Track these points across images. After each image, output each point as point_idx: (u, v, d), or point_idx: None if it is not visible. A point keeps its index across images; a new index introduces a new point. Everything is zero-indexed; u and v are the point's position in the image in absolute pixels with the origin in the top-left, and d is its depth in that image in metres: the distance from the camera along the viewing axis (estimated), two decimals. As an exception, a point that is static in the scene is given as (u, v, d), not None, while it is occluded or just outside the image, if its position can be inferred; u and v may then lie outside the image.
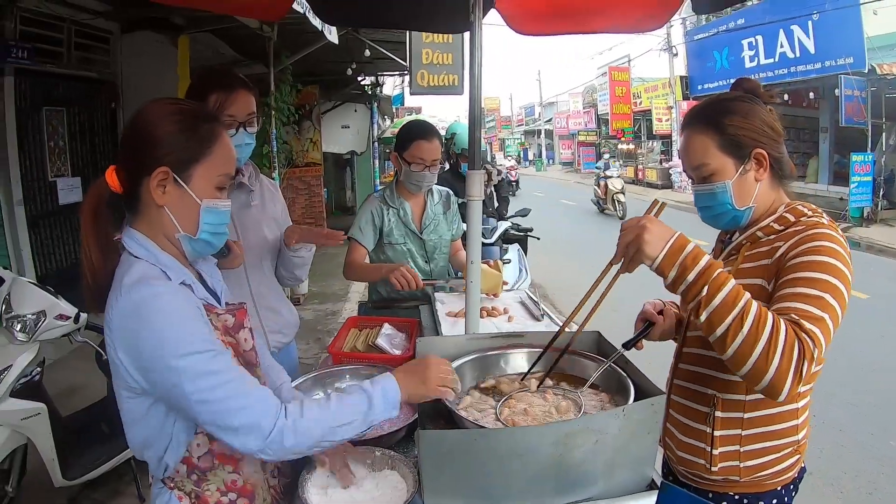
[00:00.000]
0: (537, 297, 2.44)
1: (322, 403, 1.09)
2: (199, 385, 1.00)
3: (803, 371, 1.03)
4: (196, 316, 1.06)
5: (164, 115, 1.10)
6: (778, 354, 1.02)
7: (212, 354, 1.03)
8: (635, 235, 1.12)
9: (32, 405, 2.52)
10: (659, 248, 1.11)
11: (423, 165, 2.40)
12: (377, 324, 2.12)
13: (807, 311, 1.09)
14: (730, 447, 1.30)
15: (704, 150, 1.30)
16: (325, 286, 7.35)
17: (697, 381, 1.36)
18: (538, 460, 1.00)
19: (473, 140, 1.70)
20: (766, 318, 1.05)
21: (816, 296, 1.11)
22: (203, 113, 1.15)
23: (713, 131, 1.29)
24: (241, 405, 1.02)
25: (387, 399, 1.11)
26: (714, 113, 1.31)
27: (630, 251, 1.13)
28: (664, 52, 19.34)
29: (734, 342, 1.05)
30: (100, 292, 1.10)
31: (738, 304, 1.06)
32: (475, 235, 1.75)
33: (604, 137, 27.08)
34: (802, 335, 1.05)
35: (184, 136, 1.09)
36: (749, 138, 1.28)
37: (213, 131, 1.13)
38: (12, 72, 4.20)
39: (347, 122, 11.59)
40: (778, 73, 13.42)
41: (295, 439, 1.04)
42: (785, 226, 1.28)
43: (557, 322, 2.09)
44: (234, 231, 1.83)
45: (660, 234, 1.12)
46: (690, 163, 1.34)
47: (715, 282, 1.08)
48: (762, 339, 1.03)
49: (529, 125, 45.08)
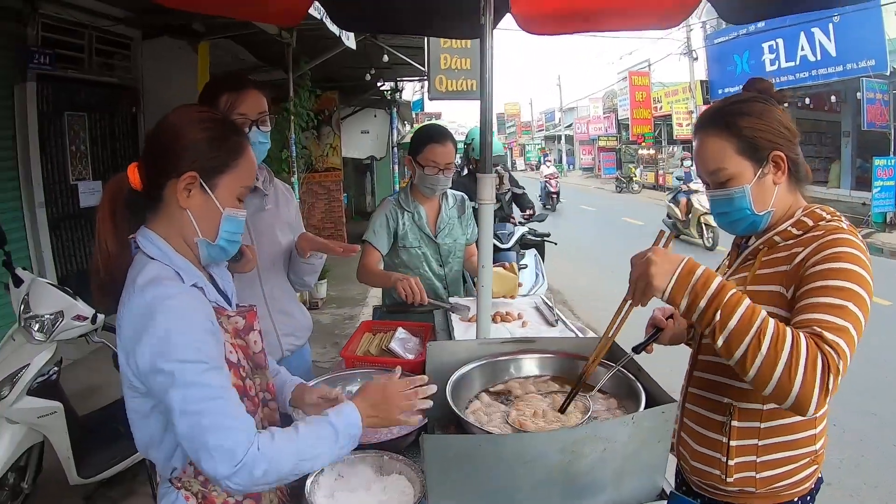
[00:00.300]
0: (552, 302, 2.42)
1: (292, 436, 1.06)
2: (187, 394, 1.00)
3: (829, 385, 1.00)
4: (204, 326, 1.06)
5: (196, 121, 1.12)
6: (801, 371, 1.00)
7: (208, 367, 1.03)
8: (642, 270, 1.12)
9: (49, 404, 2.56)
10: (667, 279, 1.10)
11: (437, 168, 2.41)
12: (391, 328, 2.11)
13: (829, 321, 1.06)
14: (746, 457, 1.26)
15: (721, 153, 1.26)
16: (343, 290, 7.38)
17: (713, 390, 1.33)
18: (545, 467, 0.98)
19: (484, 144, 1.70)
20: (784, 335, 1.02)
21: (839, 305, 1.07)
22: (231, 123, 1.19)
23: (729, 134, 1.25)
24: (221, 425, 1.00)
25: (351, 434, 1.11)
26: (729, 115, 1.27)
27: (639, 285, 1.13)
28: (684, 56, 19.20)
29: (754, 364, 1.03)
30: (111, 286, 1.11)
31: (754, 325, 1.04)
32: (486, 239, 1.74)
33: (624, 143, 26.94)
34: (826, 348, 1.02)
35: (214, 144, 1.12)
36: (766, 140, 1.24)
37: (240, 144, 1.16)
38: (34, 77, 4.29)
39: (367, 127, 11.66)
40: (799, 77, 13.23)
41: (265, 471, 1.01)
42: (803, 230, 1.24)
43: (572, 328, 2.07)
44: (248, 235, 1.84)
45: (667, 264, 1.11)
46: (706, 168, 1.30)
47: (727, 305, 1.05)
48: (783, 357, 1.01)
49: (549, 130, 44.99)
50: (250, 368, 1.23)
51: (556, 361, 1.44)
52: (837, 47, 12.14)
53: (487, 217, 1.72)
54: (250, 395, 1.21)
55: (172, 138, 1.11)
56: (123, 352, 1.05)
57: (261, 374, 1.28)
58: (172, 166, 1.09)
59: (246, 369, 1.21)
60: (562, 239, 5.95)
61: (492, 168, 1.72)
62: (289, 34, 5.57)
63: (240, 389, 1.16)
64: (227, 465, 0.98)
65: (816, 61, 12.70)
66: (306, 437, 1.07)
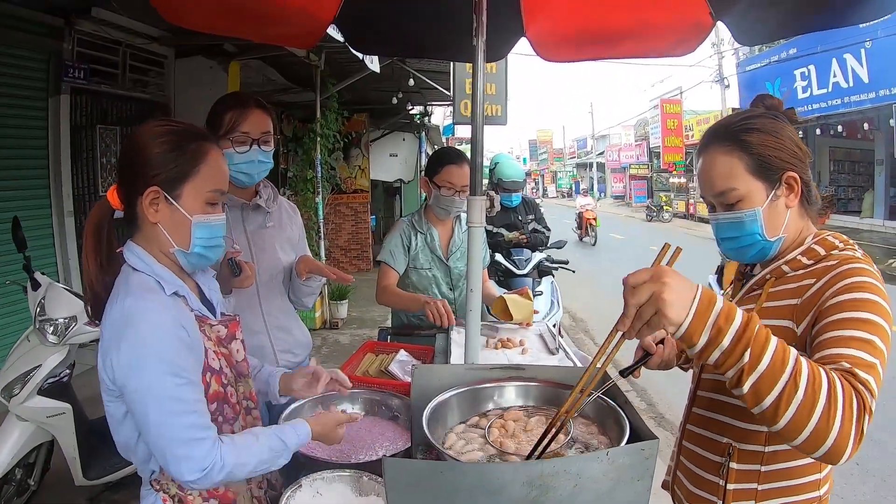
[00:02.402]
0: (557, 330, 2.38)
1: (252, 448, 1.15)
2: (159, 406, 1.04)
3: (864, 428, 0.88)
4: (181, 339, 1.09)
5: (154, 136, 1.15)
6: (839, 415, 0.86)
7: (181, 382, 1.07)
8: (652, 294, 0.88)
9: (58, 404, 2.63)
10: (684, 310, 0.88)
11: (454, 190, 2.41)
12: (393, 349, 2.11)
13: (859, 357, 0.95)
14: (744, 503, 1.18)
15: (730, 172, 1.16)
16: (365, 311, 7.44)
17: (711, 428, 1.25)
18: (510, 500, 0.95)
19: (474, 166, 1.69)
20: (820, 376, 0.88)
21: (866, 339, 0.98)
22: (190, 132, 1.19)
23: (739, 151, 1.16)
24: (191, 437, 1.06)
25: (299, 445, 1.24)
26: (737, 131, 1.18)
27: (645, 314, 0.89)
28: (716, 83, 19.03)
29: (788, 411, 0.86)
30: (97, 302, 1.16)
31: (788, 365, 0.87)
32: (476, 262, 1.72)
33: (655, 171, 26.73)
34: (859, 386, 0.90)
35: (171, 155, 1.14)
36: (779, 159, 1.15)
37: (200, 150, 1.17)
38: (68, 90, 4.48)
39: (396, 150, 11.82)
40: (831, 104, 12.99)
41: (224, 476, 1.09)
42: (814, 259, 1.16)
43: (572, 357, 2.04)
44: (249, 251, 1.88)
45: (683, 290, 0.88)
46: (713, 189, 1.19)
47: (757, 342, 0.87)
48: (820, 402, 0.86)
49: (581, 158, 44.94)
50: (233, 376, 1.26)
51: (542, 390, 1.40)
52: (870, 73, 11.91)
53: (477, 240, 1.70)
54: (231, 402, 1.24)
55: (133, 157, 1.15)
56: (101, 356, 1.08)
57: (244, 383, 1.32)
58: (137, 184, 1.13)
59: (228, 377, 1.24)
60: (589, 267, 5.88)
61: (482, 190, 1.71)
62: (317, 56, 5.70)
63: (221, 396, 1.20)
64: (194, 473, 1.06)
65: (849, 88, 12.47)
66: (262, 450, 1.17)
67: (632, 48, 2.44)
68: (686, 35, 2.19)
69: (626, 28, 2.25)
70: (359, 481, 1.33)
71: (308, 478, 1.31)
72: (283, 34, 2.36)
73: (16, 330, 3.52)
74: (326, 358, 5.60)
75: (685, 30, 2.17)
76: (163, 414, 1.04)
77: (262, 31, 2.25)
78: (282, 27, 2.19)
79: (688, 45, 2.25)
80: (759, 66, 15.90)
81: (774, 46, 14.65)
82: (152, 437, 1.06)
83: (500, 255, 4.57)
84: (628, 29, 2.26)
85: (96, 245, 1.17)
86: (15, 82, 4.22)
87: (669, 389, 4.78)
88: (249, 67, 5.88)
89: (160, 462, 1.09)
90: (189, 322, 1.14)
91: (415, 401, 1.33)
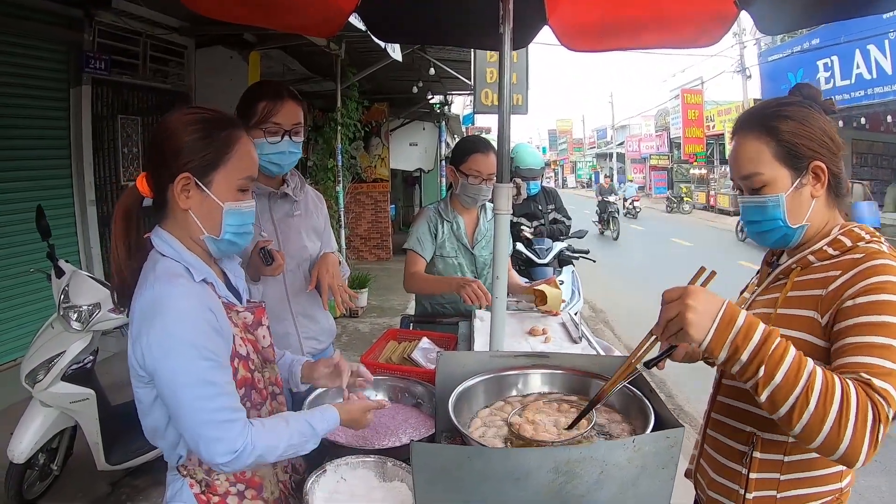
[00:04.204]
0: (580, 319, 2.38)
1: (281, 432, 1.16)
2: (195, 392, 1.05)
3: (879, 435, 0.93)
4: (210, 323, 1.10)
5: (185, 124, 1.15)
6: (851, 424, 0.92)
7: (211, 365, 1.07)
8: (677, 313, 0.99)
9: (82, 390, 2.68)
10: (705, 329, 0.98)
11: (480, 178, 2.41)
12: (416, 337, 2.12)
13: (877, 365, 0.98)
14: (766, 492, 1.18)
15: (757, 157, 1.18)
16: (384, 300, 7.50)
17: (735, 417, 1.25)
18: (536, 486, 0.95)
19: (501, 154, 1.68)
20: (833, 387, 0.94)
21: (885, 345, 0.99)
22: (221, 120, 1.19)
23: (768, 137, 1.17)
24: (222, 419, 1.07)
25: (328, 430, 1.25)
26: (769, 117, 1.19)
27: (671, 328, 1.01)
28: (737, 73, 18.72)
29: (801, 420, 0.94)
30: (125, 288, 1.17)
31: (802, 379, 0.95)
32: (502, 250, 1.72)
33: (676, 162, 26.44)
34: (875, 396, 0.94)
35: (203, 143, 1.14)
36: (807, 148, 1.16)
37: (230, 137, 1.17)
38: (90, 81, 4.54)
39: (416, 139, 11.84)
40: (854, 96, 12.67)
41: (255, 458, 1.10)
42: (840, 250, 1.16)
43: (595, 346, 2.03)
44: (276, 239, 1.89)
45: (706, 310, 0.98)
46: (739, 171, 1.22)
47: (772, 359, 0.96)
48: (832, 412, 0.92)
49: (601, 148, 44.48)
50: (259, 362, 1.27)
51: (567, 378, 1.40)
52: (894, 65, 11.59)
53: (503, 228, 1.69)
54: (258, 387, 1.26)
55: (164, 143, 1.15)
56: (131, 342, 1.09)
57: (269, 369, 1.33)
58: (168, 171, 1.13)
59: (255, 362, 1.25)
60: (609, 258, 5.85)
61: (510, 178, 1.70)
62: (337, 45, 5.70)
63: (248, 382, 1.21)
64: (226, 455, 1.06)
65: (872, 79, 12.16)
66: (292, 434, 1.18)
67: (655, 38, 2.40)
68: (710, 25, 2.16)
69: (650, 18, 2.22)
70: (383, 467, 1.34)
71: (332, 463, 1.31)
72: (304, 23, 2.35)
73: (39, 318, 3.58)
74: (346, 346, 5.64)
75: (709, 19, 2.13)
76: (194, 397, 1.05)
77: (284, 19, 2.25)
78: (303, 15, 2.19)
79: (712, 35, 2.21)
80: (781, 57, 15.58)
81: (797, 36, 14.34)
82: (184, 421, 1.07)
83: (520, 245, 4.56)
84: (652, 19, 2.23)
85: (125, 231, 1.17)
86: (37, 73, 4.29)
87: (688, 382, 4.75)
88: (269, 57, 5.90)
89: (191, 446, 1.10)
90: (217, 308, 1.15)
91: (440, 387, 1.33)
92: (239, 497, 1.21)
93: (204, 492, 1.18)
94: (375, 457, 1.36)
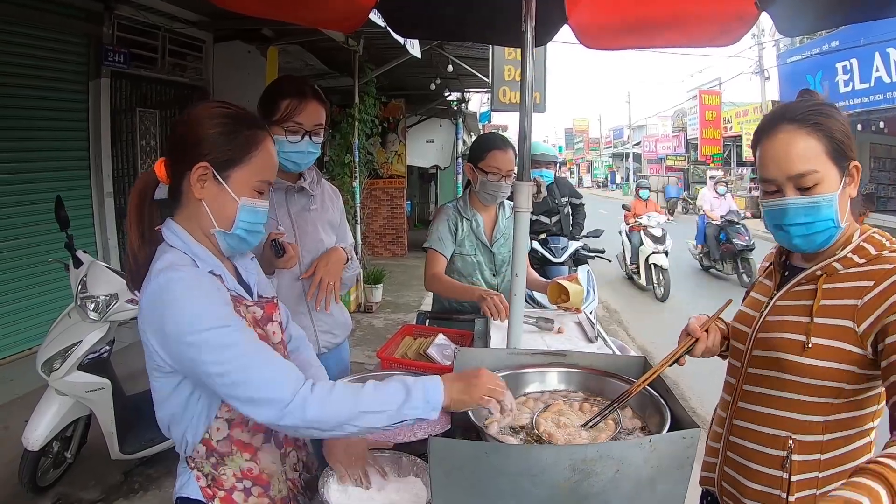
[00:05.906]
0: (596, 318, 2.37)
1: (356, 387, 1.07)
2: (216, 358, 1.02)
3: None
4: (214, 293, 1.08)
5: (211, 116, 1.15)
6: None
7: (227, 329, 1.05)
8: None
9: (97, 380, 2.71)
10: None
11: (500, 175, 2.40)
12: (432, 333, 2.12)
13: None
14: (806, 491, 1.18)
15: (811, 154, 1.13)
16: (399, 296, 7.52)
17: (766, 423, 1.23)
18: (552, 484, 0.95)
19: (521, 152, 1.68)
20: None
21: None
22: (247, 119, 1.19)
23: (821, 134, 1.13)
24: (258, 377, 1.02)
25: (427, 398, 1.07)
26: (814, 114, 1.15)
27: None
28: (756, 75, 18.49)
29: None
30: (138, 276, 1.16)
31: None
32: (521, 248, 1.72)
33: (692, 163, 26.18)
34: None
35: (226, 138, 1.14)
36: (850, 148, 1.14)
37: (254, 138, 1.17)
38: (108, 74, 4.59)
39: (432, 136, 11.78)
40: (874, 99, 12.44)
41: (318, 412, 1.02)
42: (866, 258, 1.15)
43: (611, 346, 2.02)
44: (293, 233, 1.90)
45: None
46: (789, 169, 1.14)
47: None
48: None
49: (618, 147, 44.19)
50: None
51: (584, 377, 1.40)
52: (914, 69, 11.40)
53: (523, 225, 1.69)
54: None
55: (187, 132, 1.15)
56: (145, 333, 1.08)
57: None
58: (187, 158, 1.13)
59: None
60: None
61: (530, 176, 1.70)
62: (355, 41, 5.69)
63: None
64: (274, 411, 1.01)
65: (892, 83, 11.92)
66: (371, 390, 1.07)
67: (674, 37, 2.39)
68: (729, 25, 2.13)
69: (669, 17, 2.20)
70: (398, 462, 1.34)
71: (348, 457, 1.31)
72: (324, 18, 2.36)
73: (56, 307, 3.63)
74: (360, 341, 5.65)
75: (729, 19, 2.11)
76: (224, 363, 1.02)
77: (304, 14, 2.25)
78: (324, 11, 2.19)
79: (731, 35, 2.19)
80: (800, 59, 15.35)
81: (816, 38, 14.13)
82: (223, 392, 1.03)
83: (536, 243, 4.55)
84: (671, 18, 2.21)
85: (139, 214, 1.18)
86: (57, 66, 4.33)
87: (701, 384, 4.71)
88: (287, 52, 5.91)
89: (244, 414, 1.05)
90: (226, 298, 1.13)
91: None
92: (245, 493, 1.20)
93: (210, 485, 1.18)
94: (390, 451, 1.36)
